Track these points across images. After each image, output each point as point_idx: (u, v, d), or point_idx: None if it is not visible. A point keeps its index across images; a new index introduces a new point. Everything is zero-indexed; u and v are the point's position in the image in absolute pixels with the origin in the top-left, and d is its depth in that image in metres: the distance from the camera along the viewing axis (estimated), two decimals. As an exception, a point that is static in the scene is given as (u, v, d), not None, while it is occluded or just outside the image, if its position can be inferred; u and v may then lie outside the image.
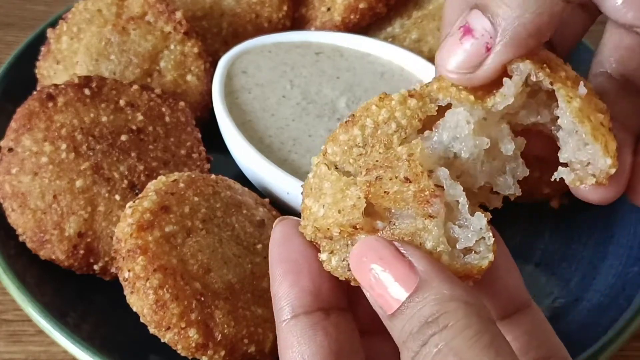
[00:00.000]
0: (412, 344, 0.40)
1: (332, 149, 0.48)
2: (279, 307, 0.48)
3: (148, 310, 0.69)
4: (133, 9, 0.96)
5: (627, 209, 0.95)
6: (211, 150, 0.90)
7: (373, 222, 0.46)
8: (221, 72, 0.95)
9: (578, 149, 0.45)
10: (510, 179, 0.47)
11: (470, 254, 0.45)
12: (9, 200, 0.80)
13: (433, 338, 0.39)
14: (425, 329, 0.40)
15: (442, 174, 0.45)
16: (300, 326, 0.46)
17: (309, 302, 0.47)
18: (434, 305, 0.40)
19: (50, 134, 0.81)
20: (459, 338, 0.39)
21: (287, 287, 0.47)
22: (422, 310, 0.40)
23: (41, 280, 0.79)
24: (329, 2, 1.07)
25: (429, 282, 0.41)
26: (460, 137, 0.46)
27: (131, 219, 0.72)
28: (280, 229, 0.50)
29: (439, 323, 0.40)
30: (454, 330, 0.39)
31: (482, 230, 0.45)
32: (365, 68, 1.02)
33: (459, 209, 0.45)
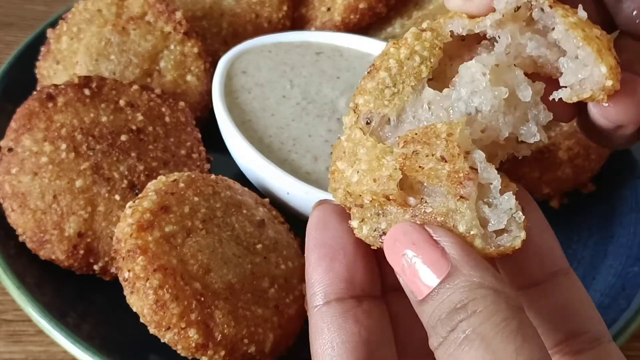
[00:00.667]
0: (441, 330, 0.41)
1: (363, 99, 0.48)
2: (312, 292, 0.47)
3: (148, 310, 0.69)
4: (133, 9, 0.96)
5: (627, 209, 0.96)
6: (211, 150, 0.90)
7: (406, 197, 0.46)
8: (221, 72, 0.95)
9: (578, 70, 0.45)
10: (533, 126, 0.46)
11: (502, 234, 0.45)
12: (9, 200, 0.79)
13: (461, 324, 0.40)
14: (454, 314, 0.40)
15: (478, 157, 0.45)
16: (331, 313, 0.46)
17: (342, 289, 0.47)
18: (463, 292, 0.40)
19: (50, 134, 0.81)
20: (487, 324, 0.39)
21: (321, 272, 0.47)
22: (451, 297, 0.41)
23: (41, 281, 0.79)
24: (329, 2, 1.07)
25: (460, 269, 0.41)
26: (479, 90, 0.45)
27: (131, 219, 0.72)
28: (318, 214, 0.49)
29: (467, 309, 0.40)
30: (481, 317, 0.39)
31: (511, 210, 0.44)
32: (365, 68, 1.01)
33: (490, 190, 0.45)
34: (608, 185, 0.99)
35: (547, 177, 0.94)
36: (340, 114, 0.93)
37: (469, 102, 0.46)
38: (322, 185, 0.85)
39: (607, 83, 0.44)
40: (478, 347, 0.39)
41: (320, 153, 0.88)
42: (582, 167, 0.96)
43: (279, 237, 0.81)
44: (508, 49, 0.46)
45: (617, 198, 0.98)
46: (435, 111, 0.46)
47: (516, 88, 0.46)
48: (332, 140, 0.90)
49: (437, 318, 0.41)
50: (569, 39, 0.44)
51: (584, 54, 0.44)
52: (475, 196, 0.44)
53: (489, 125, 0.46)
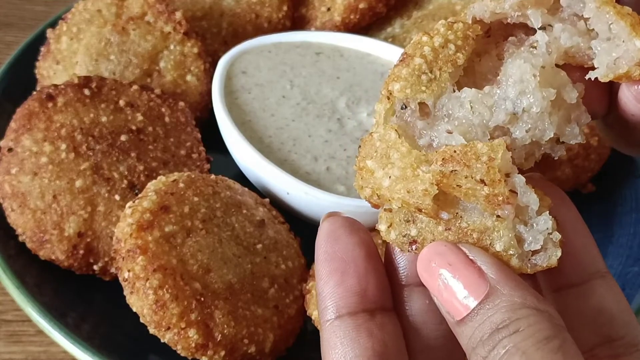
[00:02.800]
0: (482, 350, 0.40)
1: (399, 85, 0.46)
2: (323, 306, 0.47)
3: (148, 310, 0.69)
4: (133, 9, 0.96)
5: (627, 209, 0.95)
6: (211, 150, 0.90)
7: (439, 211, 0.45)
8: (221, 72, 0.95)
9: (611, 50, 0.44)
10: (576, 127, 0.46)
11: (538, 253, 0.45)
12: (9, 200, 0.79)
13: (502, 341, 0.39)
14: (496, 334, 0.40)
15: (518, 182, 0.44)
16: (343, 327, 0.46)
17: (354, 303, 0.46)
18: (505, 312, 0.40)
19: (50, 134, 0.81)
20: (528, 340, 0.39)
21: (332, 286, 0.46)
22: (493, 317, 0.40)
23: (41, 281, 0.79)
24: (329, 2, 1.07)
25: (500, 289, 0.41)
26: (528, 90, 0.45)
27: (131, 219, 0.72)
28: (328, 226, 0.48)
29: (509, 328, 0.40)
30: (524, 334, 0.39)
31: (548, 230, 0.44)
32: (365, 68, 1.02)
33: (527, 210, 0.45)
34: (608, 185, 0.99)
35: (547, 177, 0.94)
36: (340, 114, 0.93)
37: (517, 102, 0.45)
38: (322, 185, 0.85)
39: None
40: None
41: (320, 153, 0.88)
42: (582, 167, 0.96)
43: (278, 237, 0.81)
44: (549, 48, 0.46)
45: (617, 198, 0.98)
46: (477, 109, 0.45)
47: (562, 89, 0.46)
48: (332, 140, 0.90)
49: (479, 339, 0.41)
50: (601, 16, 0.44)
51: (618, 29, 0.44)
52: (513, 217, 0.44)
53: (534, 125, 0.46)
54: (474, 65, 0.48)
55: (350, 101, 0.95)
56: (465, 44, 0.46)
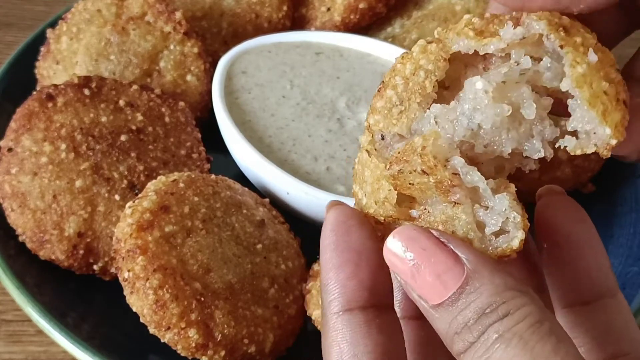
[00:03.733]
0: (468, 335, 0.40)
1: (374, 119, 0.48)
2: (332, 297, 0.45)
3: (148, 310, 0.69)
4: (133, 9, 0.96)
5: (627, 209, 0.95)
6: (211, 150, 0.90)
7: (407, 212, 0.46)
8: (221, 72, 0.95)
9: (584, 118, 0.44)
10: (538, 142, 0.45)
11: (500, 235, 0.44)
12: (9, 200, 0.79)
13: (493, 326, 0.39)
14: (484, 319, 0.39)
15: (457, 163, 0.44)
16: (355, 322, 0.45)
17: (365, 297, 0.45)
18: (490, 296, 0.40)
19: (50, 134, 0.81)
20: (522, 324, 0.39)
21: (344, 278, 0.45)
22: (477, 302, 0.40)
23: (41, 281, 0.79)
24: (329, 2, 1.07)
25: (479, 272, 0.40)
26: (480, 107, 0.45)
27: (131, 219, 0.72)
28: (336, 216, 0.47)
29: (498, 312, 0.39)
30: (516, 318, 0.39)
31: (506, 211, 0.44)
32: (365, 68, 1.02)
33: (480, 194, 0.45)
34: (608, 185, 0.99)
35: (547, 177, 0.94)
36: (340, 114, 0.93)
37: (471, 118, 0.45)
38: (322, 185, 0.85)
39: (612, 142, 0.43)
40: (515, 346, 0.38)
41: (320, 153, 0.88)
42: (582, 167, 0.96)
43: (279, 237, 0.81)
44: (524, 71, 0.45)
45: (617, 198, 0.98)
46: (441, 124, 0.46)
47: (521, 105, 0.45)
48: (332, 140, 0.90)
49: (463, 324, 0.40)
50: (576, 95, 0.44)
51: (589, 117, 0.43)
52: (468, 200, 0.44)
53: (491, 140, 0.46)
54: (461, 76, 0.48)
55: (350, 101, 0.95)
56: (436, 67, 0.46)
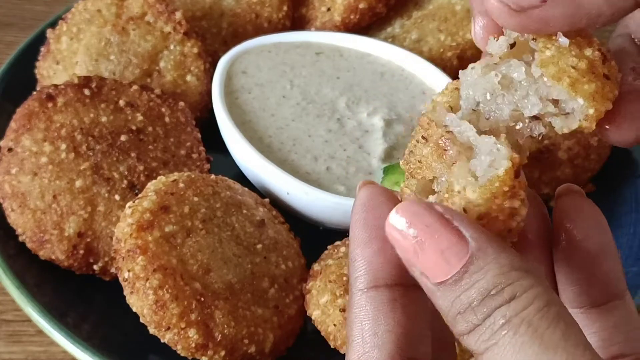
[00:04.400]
0: (472, 317, 0.39)
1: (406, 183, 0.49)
2: (358, 273, 0.45)
3: (148, 310, 0.69)
4: (133, 9, 0.96)
5: (627, 209, 0.95)
6: (211, 150, 0.90)
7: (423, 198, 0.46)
8: (221, 72, 0.95)
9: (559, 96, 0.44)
10: (534, 97, 0.45)
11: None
12: (9, 200, 0.79)
13: (499, 310, 0.38)
14: (489, 301, 0.38)
15: (449, 119, 0.44)
16: (379, 299, 0.44)
17: (392, 274, 0.44)
18: (495, 276, 0.39)
19: (50, 134, 0.81)
20: (530, 309, 0.38)
21: (371, 254, 0.45)
22: (482, 282, 0.39)
23: (41, 281, 0.79)
24: (329, 2, 1.07)
25: (484, 251, 0.39)
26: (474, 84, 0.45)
27: (131, 219, 0.72)
28: (367, 193, 0.47)
29: (504, 294, 0.38)
30: (523, 302, 0.38)
31: (492, 149, 0.43)
32: (365, 68, 1.02)
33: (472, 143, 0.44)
34: (608, 185, 0.99)
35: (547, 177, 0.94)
36: (340, 114, 0.93)
37: (468, 98, 0.46)
38: (322, 185, 0.85)
39: (590, 112, 0.43)
40: (524, 333, 0.37)
41: (320, 153, 0.88)
42: (582, 167, 0.95)
43: (279, 237, 0.81)
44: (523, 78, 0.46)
45: (617, 198, 0.98)
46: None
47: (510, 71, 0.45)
48: (332, 140, 0.90)
49: (467, 304, 0.39)
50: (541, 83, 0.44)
51: (557, 92, 0.43)
52: (463, 156, 0.43)
53: (490, 110, 0.45)
54: None
55: (350, 101, 0.95)
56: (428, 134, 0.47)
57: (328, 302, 0.74)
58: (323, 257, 0.81)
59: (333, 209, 0.84)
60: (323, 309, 0.74)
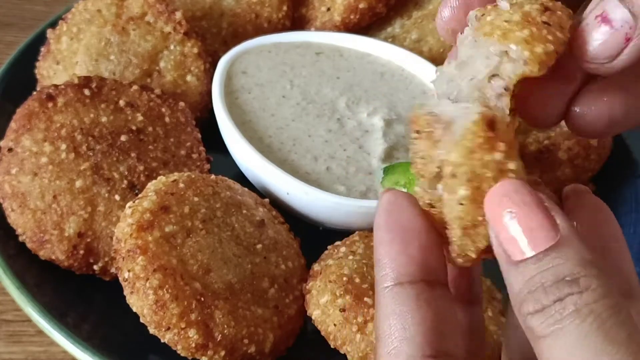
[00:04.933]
0: (543, 296, 0.40)
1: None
2: (383, 272, 0.46)
3: (148, 310, 0.69)
4: (133, 9, 0.96)
5: (627, 209, 0.96)
6: (211, 150, 0.90)
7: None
8: (221, 72, 0.95)
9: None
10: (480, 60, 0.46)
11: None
12: (9, 201, 0.79)
13: (571, 297, 0.39)
14: (563, 285, 0.39)
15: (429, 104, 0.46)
16: (404, 295, 0.45)
17: (415, 272, 0.45)
18: (575, 265, 0.40)
19: (50, 134, 0.81)
20: (600, 303, 0.39)
21: (394, 253, 0.46)
22: (561, 267, 0.40)
23: (41, 281, 0.79)
24: (329, 2, 1.07)
25: (570, 242, 0.40)
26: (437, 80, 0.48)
27: (131, 219, 0.72)
28: (389, 197, 0.48)
29: (579, 284, 0.39)
30: (596, 295, 0.39)
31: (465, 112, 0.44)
32: (365, 68, 1.02)
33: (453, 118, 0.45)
34: (608, 185, 0.99)
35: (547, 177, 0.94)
36: (340, 114, 0.93)
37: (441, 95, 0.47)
38: (322, 185, 0.85)
39: (525, 54, 0.44)
40: (591, 323, 0.38)
41: (320, 153, 0.88)
42: (582, 167, 0.95)
43: (279, 237, 0.81)
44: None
45: (617, 198, 0.98)
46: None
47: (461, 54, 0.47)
48: (332, 140, 0.90)
49: (540, 284, 0.40)
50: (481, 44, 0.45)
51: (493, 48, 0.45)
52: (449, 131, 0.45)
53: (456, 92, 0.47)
54: None
55: (350, 101, 0.95)
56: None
57: (328, 302, 0.74)
58: (323, 257, 0.81)
59: (333, 209, 0.84)
60: (323, 309, 0.74)
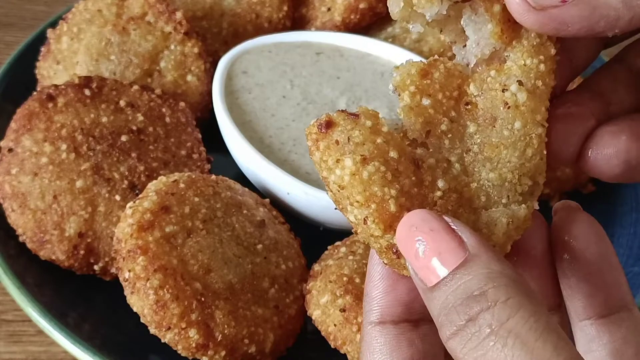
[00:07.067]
0: (455, 317, 0.39)
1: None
2: (369, 308, 0.47)
3: (148, 310, 0.69)
4: (133, 9, 0.96)
5: (627, 209, 0.96)
6: (211, 150, 0.90)
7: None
8: (221, 72, 0.95)
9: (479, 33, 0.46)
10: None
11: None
12: (9, 201, 0.79)
13: (483, 315, 0.38)
14: (471, 302, 0.38)
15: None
16: (385, 334, 0.46)
17: (399, 313, 0.46)
18: (481, 279, 0.39)
19: (50, 134, 0.81)
20: (516, 318, 0.37)
21: (381, 291, 0.47)
22: (467, 283, 0.39)
23: (41, 281, 0.79)
24: (329, 2, 1.07)
25: (477, 257, 0.40)
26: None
27: (131, 219, 0.72)
28: None
29: (487, 298, 0.38)
30: (507, 310, 0.37)
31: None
32: (365, 68, 1.02)
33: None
34: (608, 185, 0.99)
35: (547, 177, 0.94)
36: (341, 114, 0.93)
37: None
38: (322, 185, 0.85)
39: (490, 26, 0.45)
40: (513, 346, 0.36)
41: (320, 153, 0.88)
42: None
43: (279, 237, 0.81)
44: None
45: (617, 198, 0.98)
46: None
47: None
48: (332, 140, 0.90)
49: (451, 305, 0.39)
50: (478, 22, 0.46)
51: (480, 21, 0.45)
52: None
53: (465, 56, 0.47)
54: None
55: (351, 101, 0.95)
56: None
57: (328, 302, 0.74)
58: (323, 257, 0.81)
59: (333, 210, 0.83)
60: (323, 309, 0.74)
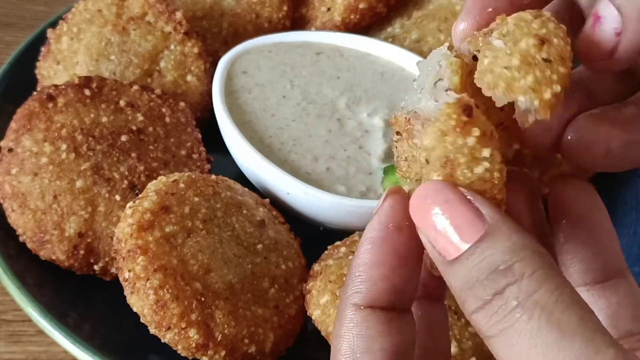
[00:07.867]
0: (481, 291, 0.38)
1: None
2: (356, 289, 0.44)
3: (148, 310, 0.69)
4: (133, 9, 0.96)
5: (627, 209, 0.96)
6: (211, 150, 0.90)
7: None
8: (221, 72, 0.95)
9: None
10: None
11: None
12: (9, 201, 0.79)
13: (510, 289, 0.37)
14: (497, 276, 0.38)
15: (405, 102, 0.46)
16: (374, 318, 0.44)
17: (392, 300, 0.44)
18: (505, 253, 0.38)
19: (51, 134, 0.81)
20: (542, 291, 0.37)
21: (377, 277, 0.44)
22: (491, 257, 0.38)
23: (41, 281, 0.79)
24: (329, 2, 1.07)
25: (497, 230, 0.39)
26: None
27: (131, 219, 0.72)
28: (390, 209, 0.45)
29: (514, 271, 0.38)
30: (534, 282, 0.37)
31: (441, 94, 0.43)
32: (365, 68, 1.02)
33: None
34: (608, 185, 0.99)
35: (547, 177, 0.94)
36: (340, 114, 0.93)
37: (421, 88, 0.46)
38: (322, 185, 0.85)
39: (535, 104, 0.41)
40: (539, 318, 0.36)
41: (320, 153, 0.88)
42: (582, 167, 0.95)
43: (279, 237, 0.81)
44: None
45: (617, 198, 0.98)
46: None
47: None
48: (332, 140, 0.90)
49: (475, 279, 0.39)
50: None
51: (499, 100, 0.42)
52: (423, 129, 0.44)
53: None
54: None
55: (351, 101, 0.95)
56: None
57: (328, 302, 0.74)
58: (323, 257, 0.81)
59: (333, 209, 0.84)
60: (323, 309, 0.74)
